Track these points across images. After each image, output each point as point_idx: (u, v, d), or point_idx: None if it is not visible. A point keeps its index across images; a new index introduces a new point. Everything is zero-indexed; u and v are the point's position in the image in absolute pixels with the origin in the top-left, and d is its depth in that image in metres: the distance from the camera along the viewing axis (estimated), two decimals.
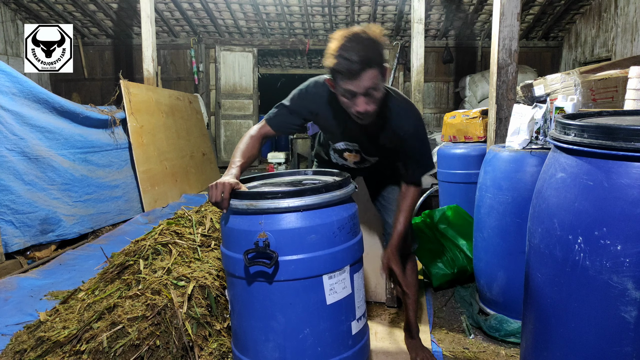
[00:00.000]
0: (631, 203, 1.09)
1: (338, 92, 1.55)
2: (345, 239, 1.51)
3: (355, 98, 1.51)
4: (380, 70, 1.50)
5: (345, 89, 1.50)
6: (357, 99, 1.51)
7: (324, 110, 1.71)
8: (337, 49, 1.46)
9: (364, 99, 1.51)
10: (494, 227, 2.25)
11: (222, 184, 1.45)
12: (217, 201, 1.44)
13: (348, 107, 1.56)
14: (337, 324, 1.49)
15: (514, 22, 2.70)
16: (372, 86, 1.49)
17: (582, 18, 7.39)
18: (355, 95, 1.50)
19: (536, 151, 2.13)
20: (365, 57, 1.44)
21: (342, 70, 1.46)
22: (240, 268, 1.46)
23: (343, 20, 7.81)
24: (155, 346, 1.70)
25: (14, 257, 3.30)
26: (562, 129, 1.27)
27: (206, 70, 8.35)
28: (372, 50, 1.46)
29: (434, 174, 4.89)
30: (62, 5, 7.49)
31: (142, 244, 2.19)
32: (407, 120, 1.70)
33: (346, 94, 1.51)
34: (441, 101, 8.58)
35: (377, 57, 1.47)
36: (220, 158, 8.24)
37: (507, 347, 2.12)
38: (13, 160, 3.35)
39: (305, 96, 1.71)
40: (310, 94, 1.71)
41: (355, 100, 1.51)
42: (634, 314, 1.10)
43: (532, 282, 1.38)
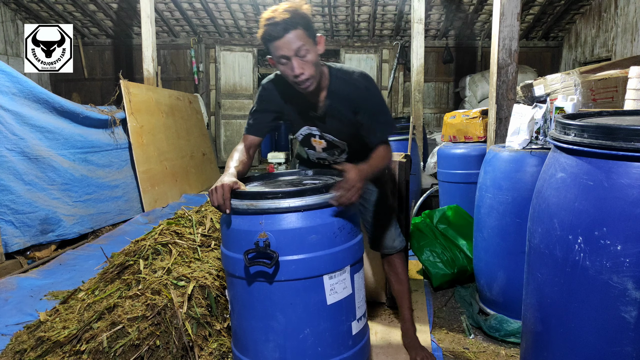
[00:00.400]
0: (631, 203, 1.09)
1: (275, 62, 1.63)
2: (346, 239, 1.51)
3: (289, 62, 1.59)
4: (308, 33, 1.58)
5: (278, 56, 1.59)
6: (291, 62, 1.58)
7: (280, 99, 1.80)
8: (263, 20, 1.57)
9: (297, 61, 1.58)
10: (494, 227, 2.25)
11: (221, 186, 1.47)
12: (220, 204, 1.46)
13: (288, 76, 1.63)
14: (338, 324, 1.49)
15: (514, 22, 2.70)
16: (300, 46, 1.56)
17: (582, 18, 7.39)
18: (289, 59, 1.58)
19: (536, 151, 2.13)
20: (286, 19, 1.54)
21: (268, 36, 1.56)
22: (241, 268, 1.46)
23: (343, 20, 7.81)
24: (155, 346, 1.70)
25: (14, 257, 3.30)
26: (562, 129, 1.27)
27: (206, 70, 8.35)
28: (294, 15, 1.56)
29: (434, 174, 4.89)
30: (62, 5, 7.49)
31: (142, 244, 2.19)
32: (352, 83, 1.73)
33: (281, 61, 1.59)
34: (441, 101, 8.58)
35: (299, 19, 1.57)
36: (220, 158, 8.24)
37: (507, 347, 2.12)
38: (13, 160, 3.35)
39: (264, 93, 1.81)
40: (267, 89, 1.80)
41: (290, 65, 1.59)
42: (634, 314, 1.10)
43: (532, 282, 1.38)
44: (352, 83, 1.73)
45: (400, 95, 8.47)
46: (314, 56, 1.61)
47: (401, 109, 8.46)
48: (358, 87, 1.72)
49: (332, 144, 1.88)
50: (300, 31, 1.56)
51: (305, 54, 1.58)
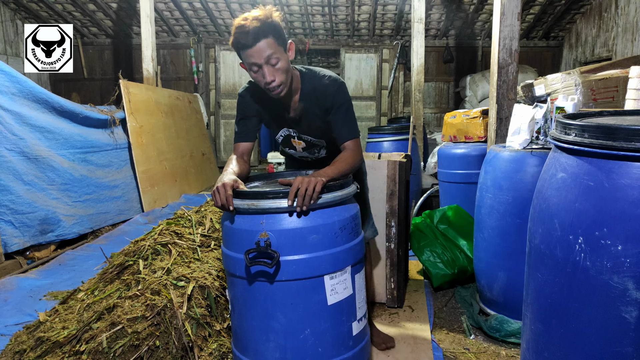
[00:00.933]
0: (632, 203, 1.09)
1: (247, 69, 1.68)
2: (347, 240, 1.50)
3: (260, 70, 1.62)
4: (278, 41, 1.62)
5: (249, 63, 1.62)
6: (262, 70, 1.62)
7: (260, 105, 1.84)
8: (235, 28, 1.60)
9: (268, 68, 1.62)
10: (494, 227, 2.25)
11: (222, 186, 1.48)
12: (223, 203, 1.47)
13: (260, 83, 1.67)
14: (338, 324, 1.49)
15: (514, 22, 2.70)
16: (270, 54, 1.60)
17: (583, 18, 7.39)
18: (260, 67, 1.62)
19: (537, 151, 2.13)
20: (256, 28, 1.57)
21: (239, 44, 1.60)
22: (241, 268, 1.46)
23: (343, 19, 7.81)
24: (155, 346, 1.70)
25: (14, 257, 3.29)
26: (562, 128, 1.27)
27: (206, 70, 8.35)
28: (265, 24, 1.59)
29: (434, 174, 4.89)
30: (62, 5, 7.49)
31: (142, 244, 2.19)
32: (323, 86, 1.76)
33: (252, 68, 1.63)
34: (441, 101, 8.58)
35: (269, 27, 1.60)
36: (220, 158, 8.24)
37: (507, 348, 2.12)
38: (12, 160, 3.35)
39: (241, 101, 1.86)
40: (243, 97, 1.85)
41: (262, 72, 1.63)
42: (635, 314, 1.10)
43: (532, 282, 1.37)
44: (323, 86, 1.77)
45: (400, 95, 8.46)
46: (285, 63, 1.65)
47: (401, 109, 8.45)
48: (328, 90, 1.76)
49: (311, 143, 1.93)
50: (271, 40, 1.60)
51: (276, 62, 1.63)
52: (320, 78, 1.78)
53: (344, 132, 1.78)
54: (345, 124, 1.78)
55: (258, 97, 1.83)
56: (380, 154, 2.86)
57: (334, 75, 1.80)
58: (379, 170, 2.47)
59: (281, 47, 1.64)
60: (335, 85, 1.76)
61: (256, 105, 1.84)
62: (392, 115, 8.46)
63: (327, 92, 1.76)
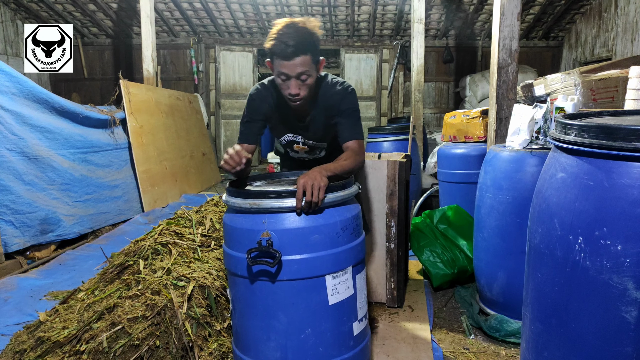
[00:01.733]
0: (631, 203, 1.09)
1: (274, 73, 1.68)
2: (349, 240, 1.51)
3: (288, 80, 1.65)
4: (313, 59, 1.65)
5: (279, 71, 1.64)
6: (290, 81, 1.64)
7: (268, 108, 1.84)
8: (275, 33, 1.60)
9: (295, 82, 1.65)
10: (494, 227, 2.25)
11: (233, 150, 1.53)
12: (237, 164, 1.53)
13: (282, 89, 1.69)
14: (339, 324, 1.49)
15: (514, 22, 2.70)
16: (304, 71, 1.62)
17: (583, 18, 7.39)
18: (289, 78, 1.64)
19: (536, 151, 2.13)
20: (299, 43, 1.59)
21: (277, 52, 1.60)
22: (243, 267, 1.46)
23: (343, 20, 7.81)
24: (155, 346, 1.70)
25: (14, 257, 3.29)
26: (562, 129, 1.27)
27: (206, 70, 8.35)
28: (307, 39, 1.62)
29: (434, 174, 4.89)
30: (62, 5, 7.49)
31: (142, 244, 2.19)
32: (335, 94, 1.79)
33: (281, 76, 1.65)
34: (441, 101, 8.58)
35: (310, 45, 1.63)
36: (220, 158, 8.24)
37: (507, 348, 2.12)
38: (13, 160, 3.35)
39: (252, 102, 1.85)
40: (255, 100, 1.84)
41: (289, 83, 1.65)
42: (635, 314, 1.10)
43: (532, 282, 1.38)
44: (333, 94, 1.79)
45: (400, 95, 8.46)
46: (313, 80, 1.69)
47: (401, 109, 8.46)
48: (336, 97, 1.79)
49: (313, 147, 1.96)
50: (308, 57, 1.62)
51: (306, 79, 1.66)
52: (333, 85, 1.80)
53: (347, 132, 1.79)
54: (349, 127, 1.80)
55: (268, 100, 1.83)
56: (380, 154, 2.86)
57: (346, 83, 1.82)
58: (379, 170, 2.47)
59: (314, 64, 1.67)
60: (344, 93, 1.79)
61: (265, 108, 1.84)
62: (392, 115, 8.46)
63: (336, 98, 1.78)
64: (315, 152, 1.99)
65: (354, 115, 1.81)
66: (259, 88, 1.85)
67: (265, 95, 1.83)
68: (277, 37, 1.60)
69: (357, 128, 1.81)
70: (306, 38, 1.61)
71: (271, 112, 1.86)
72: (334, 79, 1.83)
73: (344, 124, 1.80)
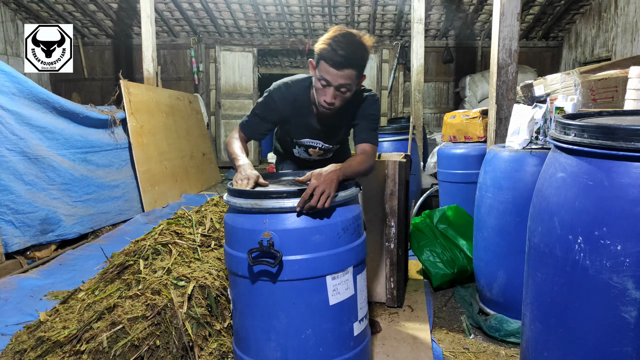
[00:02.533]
0: (631, 202, 1.09)
1: (315, 76, 1.66)
2: (349, 240, 1.51)
3: (327, 88, 1.63)
4: (358, 74, 1.63)
5: (322, 76, 1.62)
6: (328, 89, 1.62)
7: (287, 110, 1.80)
8: (330, 38, 1.58)
9: (334, 92, 1.63)
10: (494, 227, 2.25)
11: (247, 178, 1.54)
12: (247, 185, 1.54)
13: (318, 94, 1.67)
14: (340, 324, 1.50)
15: (514, 22, 2.70)
16: (345, 84, 1.61)
17: (582, 18, 7.39)
18: (328, 86, 1.62)
19: (536, 151, 2.13)
20: (350, 55, 1.57)
21: (327, 58, 1.58)
22: (244, 267, 1.46)
23: (343, 20, 7.81)
24: (155, 346, 1.70)
25: (14, 257, 3.29)
26: (562, 129, 1.27)
27: (206, 70, 8.35)
28: (359, 54, 1.60)
29: (434, 174, 4.89)
30: (62, 5, 7.49)
31: (142, 244, 2.19)
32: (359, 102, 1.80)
33: (322, 81, 1.63)
34: (441, 101, 8.58)
35: (360, 61, 1.62)
36: (221, 158, 8.24)
37: (507, 347, 2.12)
38: (13, 160, 3.35)
39: (270, 102, 1.80)
40: (275, 99, 1.79)
41: (326, 90, 1.63)
42: (634, 313, 1.10)
43: (532, 281, 1.38)
44: (362, 100, 1.79)
45: (400, 95, 8.46)
46: (350, 94, 1.68)
47: (401, 109, 8.46)
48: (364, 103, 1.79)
49: (327, 150, 1.96)
50: (354, 72, 1.61)
51: (345, 92, 1.65)
52: (359, 93, 1.80)
53: (365, 134, 1.79)
54: (368, 130, 1.80)
55: (289, 102, 1.79)
56: (380, 154, 2.86)
57: (372, 92, 1.84)
58: (378, 170, 2.47)
59: (356, 79, 1.66)
60: (371, 100, 1.81)
61: (283, 110, 1.80)
62: (392, 115, 8.46)
63: (362, 105, 1.79)
64: (327, 154, 1.99)
65: (375, 122, 1.82)
66: (281, 88, 1.79)
67: (286, 96, 1.78)
68: (330, 43, 1.57)
69: (375, 134, 1.82)
70: (358, 53, 1.60)
71: (290, 115, 1.82)
72: (362, 87, 1.83)
73: (363, 126, 1.79)
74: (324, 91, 1.64)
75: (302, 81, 1.81)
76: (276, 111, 1.80)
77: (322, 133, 1.87)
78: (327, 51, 1.57)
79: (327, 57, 1.57)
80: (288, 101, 1.78)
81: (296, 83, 1.80)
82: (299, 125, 1.86)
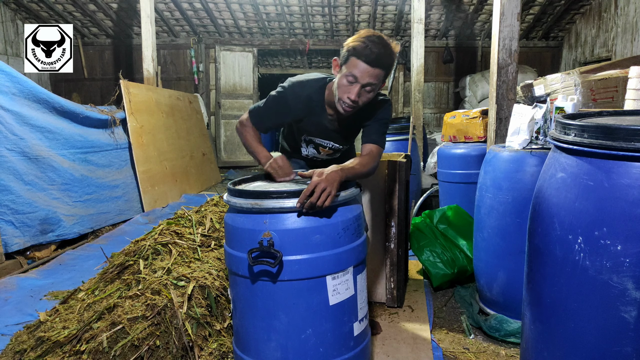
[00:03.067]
0: (631, 203, 1.09)
1: (341, 72, 1.66)
2: (350, 240, 1.51)
3: (353, 85, 1.63)
4: (384, 77, 1.66)
5: (351, 72, 1.61)
6: (354, 86, 1.63)
7: (302, 110, 1.80)
8: (365, 37, 1.61)
9: (360, 89, 1.63)
10: (494, 227, 2.25)
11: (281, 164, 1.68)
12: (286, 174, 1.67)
13: (341, 91, 1.66)
14: (340, 325, 1.50)
15: (514, 22, 2.70)
16: (372, 83, 1.62)
17: (582, 18, 7.39)
18: (355, 82, 1.62)
19: (536, 151, 2.13)
20: (384, 55, 1.60)
21: (360, 54, 1.59)
22: (244, 267, 1.46)
23: (343, 20, 7.81)
24: (155, 346, 1.70)
25: (14, 257, 3.29)
26: (562, 129, 1.27)
27: (206, 70, 8.35)
28: (390, 57, 1.64)
29: (434, 174, 4.89)
30: (62, 5, 7.49)
31: (142, 244, 2.19)
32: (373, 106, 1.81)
33: (349, 77, 1.62)
34: (441, 101, 8.58)
35: (390, 63, 1.65)
36: (221, 158, 8.24)
37: (507, 347, 2.12)
38: (13, 160, 3.35)
39: (284, 99, 1.78)
40: (289, 98, 1.77)
41: (351, 88, 1.63)
42: (634, 314, 1.10)
43: (532, 282, 1.38)
44: (376, 103, 1.81)
45: (400, 95, 8.46)
46: (373, 94, 1.70)
47: (401, 109, 8.46)
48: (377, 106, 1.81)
49: (336, 150, 1.96)
50: (382, 73, 1.64)
51: (370, 91, 1.66)
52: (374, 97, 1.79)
53: (374, 135, 1.80)
54: (377, 132, 1.81)
55: (302, 101, 1.78)
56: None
57: (386, 96, 1.87)
58: (379, 170, 2.47)
59: (382, 82, 1.68)
60: (384, 104, 1.82)
61: (300, 111, 1.80)
62: (392, 115, 8.46)
63: (375, 108, 1.81)
64: (335, 154, 1.99)
65: (385, 126, 1.83)
66: (295, 86, 1.78)
67: (300, 94, 1.77)
68: (365, 41, 1.59)
69: (383, 137, 1.83)
70: (390, 55, 1.63)
71: (302, 114, 1.81)
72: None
73: (373, 127, 1.81)
74: (349, 88, 1.63)
75: (317, 81, 1.80)
76: (288, 109, 1.79)
77: (334, 134, 1.88)
78: (361, 48, 1.58)
79: (362, 53, 1.59)
80: (302, 100, 1.77)
81: (311, 82, 1.79)
82: (310, 125, 1.86)
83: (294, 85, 1.78)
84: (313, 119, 1.83)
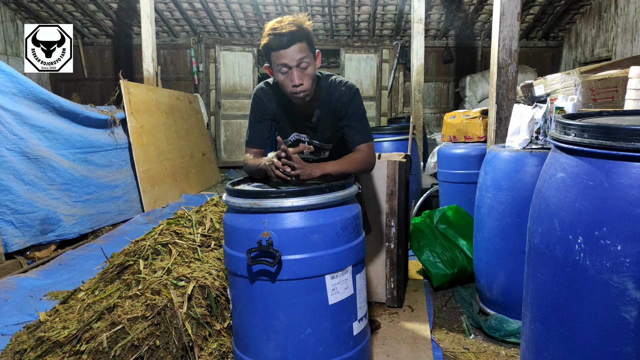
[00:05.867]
0: (631, 203, 1.09)
1: (275, 71, 1.69)
2: (348, 240, 1.51)
3: (290, 72, 1.65)
4: (310, 47, 1.67)
5: (279, 64, 1.65)
6: (291, 72, 1.65)
7: (276, 108, 1.85)
8: (269, 30, 1.64)
9: (298, 72, 1.65)
10: (494, 227, 2.25)
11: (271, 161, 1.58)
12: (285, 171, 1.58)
13: (285, 86, 1.68)
14: (339, 324, 1.50)
15: (514, 22, 2.70)
16: (302, 57, 1.64)
17: (582, 18, 7.39)
18: (290, 69, 1.64)
19: (536, 151, 2.13)
20: (293, 32, 1.62)
21: (274, 45, 1.63)
22: (243, 267, 1.46)
23: (343, 20, 7.81)
24: (155, 346, 1.70)
25: (14, 257, 3.29)
26: (562, 129, 1.27)
27: (206, 70, 8.35)
28: (299, 28, 1.64)
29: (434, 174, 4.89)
30: (62, 5, 7.49)
31: (142, 244, 2.19)
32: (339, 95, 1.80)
33: (282, 70, 1.66)
34: (441, 101, 8.58)
35: (304, 33, 1.65)
36: (221, 158, 8.24)
37: (507, 347, 2.12)
38: (13, 160, 3.35)
39: (259, 102, 1.84)
40: (260, 99, 1.84)
41: (289, 76, 1.65)
42: (634, 314, 1.10)
43: (532, 282, 1.38)
44: (340, 94, 1.80)
45: (400, 95, 8.46)
46: (313, 69, 1.69)
47: (401, 109, 8.46)
48: (344, 98, 1.80)
49: (319, 148, 1.96)
50: (304, 44, 1.65)
51: (306, 66, 1.66)
52: (337, 85, 1.81)
53: (358, 137, 1.81)
54: (358, 131, 1.81)
55: (275, 99, 1.83)
56: (380, 154, 2.86)
57: (349, 83, 1.83)
58: (379, 170, 2.47)
59: (312, 53, 1.68)
60: (351, 94, 1.80)
61: (273, 107, 1.84)
62: (392, 115, 8.46)
63: (343, 100, 1.79)
64: (320, 153, 2.00)
65: (362, 118, 1.83)
66: (264, 87, 1.84)
67: (270, 93, 1.83)
68: (270, 33, 1.63)
69: (366, 130, 1.83)
70: (298, 25, 1.64)
71: (278, 111, 1.86)
72: (337, 78, 1.84)
73: (352, 127, 1.81)
74: (288, 77, 1.66)
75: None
76: (267, 109, 1.84)
77: (308, 128, 1.89)
78: (271, 40, 1.63)
79: (274, 44, 1.62)
80: (272, 98, 1.83)
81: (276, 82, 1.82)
82: (285, 122, 1.90)
83: (262, 87, 1.85)
84: (286, 116, 1.87)
